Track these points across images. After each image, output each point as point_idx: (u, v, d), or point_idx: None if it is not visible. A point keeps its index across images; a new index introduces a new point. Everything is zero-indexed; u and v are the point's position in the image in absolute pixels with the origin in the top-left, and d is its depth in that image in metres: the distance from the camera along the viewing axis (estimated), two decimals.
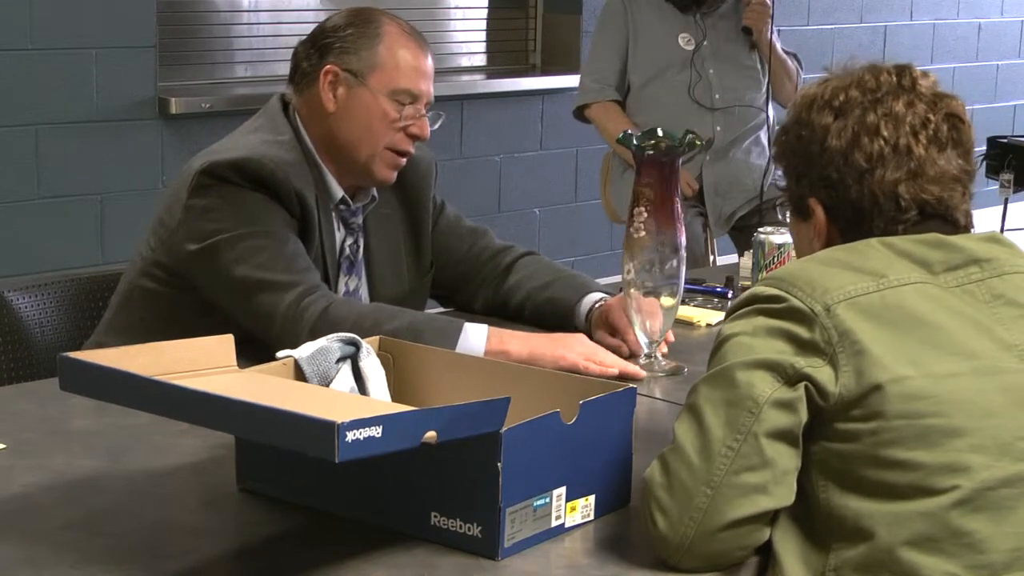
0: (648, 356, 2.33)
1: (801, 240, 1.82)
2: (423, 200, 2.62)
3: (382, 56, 2.42)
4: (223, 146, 2.43)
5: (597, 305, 2.49)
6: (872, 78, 1.74)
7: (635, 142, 2.28)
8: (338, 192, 2.46)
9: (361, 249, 2.53)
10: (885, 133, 1.70)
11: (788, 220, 1.86)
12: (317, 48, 2.46)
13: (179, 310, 2.37)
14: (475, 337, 2.28)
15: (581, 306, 2.51)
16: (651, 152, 2.26)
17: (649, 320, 2.30)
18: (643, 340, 2.32)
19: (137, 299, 2.46)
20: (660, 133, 2.27)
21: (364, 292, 2.54)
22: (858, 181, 1.71)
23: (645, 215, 2.27)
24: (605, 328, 2.44)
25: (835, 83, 1.76)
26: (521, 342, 2.29)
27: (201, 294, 2.37)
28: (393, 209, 2.58)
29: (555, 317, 2.53)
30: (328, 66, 2.42)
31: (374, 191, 2.52)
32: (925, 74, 1.77)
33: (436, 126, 2.49)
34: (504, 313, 2.61)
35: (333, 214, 2.47)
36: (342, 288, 2.49)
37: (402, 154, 2.45)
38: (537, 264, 2.66)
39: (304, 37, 2.52)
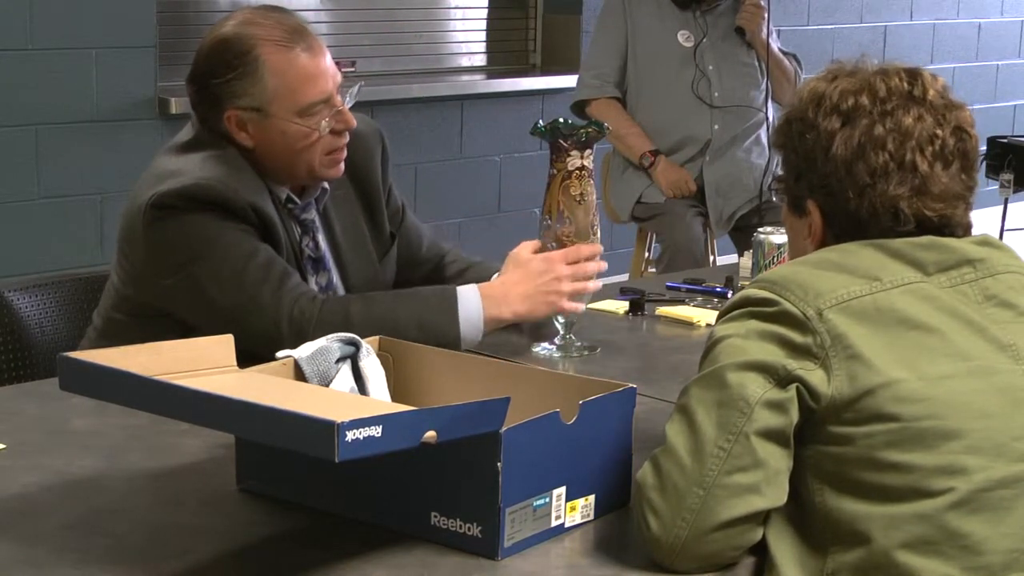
0: (564, 337, 2.41)
1: (795, 234, 1.80)
2: (372, 176, 2.58)
3: (272, 85, 2.33)
4: (167, 168, 2.36)
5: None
6: (883, 84, 1.71)
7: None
8: (283, 192, 2.42)
9: (322, 243, 2.49)
10: (891, 148, 1.68)
11: (782, 210, 1.84)
12: (207, 97, 2.38)
13: (157, 336, 2.33)
14: (472, 299, 2.32)
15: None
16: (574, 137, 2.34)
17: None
18: (559, 320, 2.41)
19: (112, 331, 2.41)
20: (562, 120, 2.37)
21: (337, 283, 2.50)
22: (859, 194, 1.69)
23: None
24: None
25: (844, 85, 1.72)
26: (515, 310, 2.34)
27: (177, 318, 2.33)
28: (346, 189, 2.54)
29: None
30: (227, 113, 2.35)
31: (325, 183, 2.48)
32: (935, 78, 1.74)
33: (354, 101, 2.43)
34: None
35: (287, 216, 2.43)
36: (313, 287, 2.44)
37: (340, 149, 2.41)
38: (453, 257, 2.72)
39: (188, 73, 2.40)
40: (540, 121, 2.38)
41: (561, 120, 2.35)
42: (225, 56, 2.35)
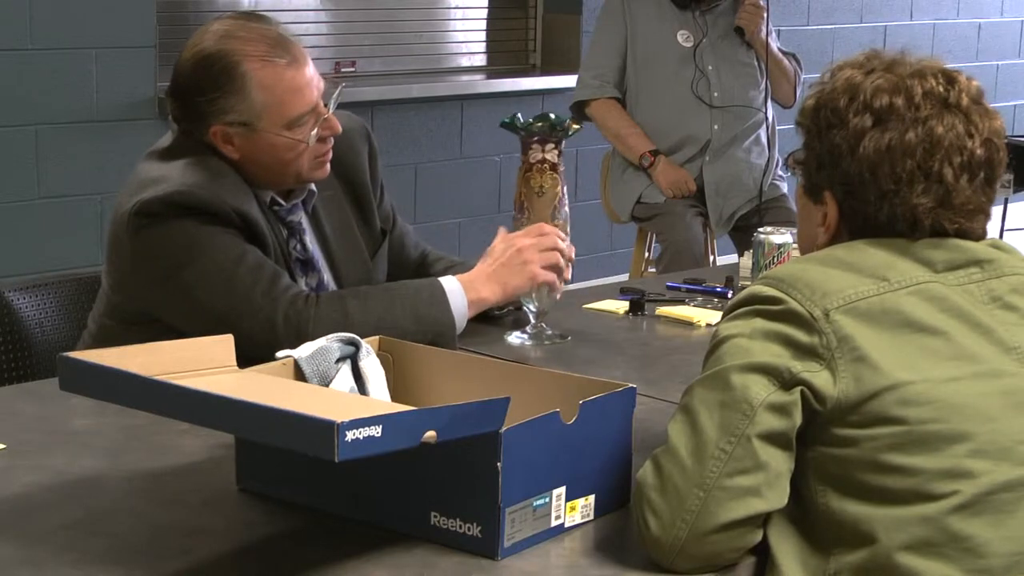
0: (535, 326, 2.45)
1: (806, 217, 1.78)
2: (360, 173, 2.57)
3: (260, 99, 2.31)
4: (149, 176, 2.33)
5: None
6: (919, 87, 1.68)
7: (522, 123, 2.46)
8: (267, 195, 2.41)
9: (310, 245, 2.48)
10: (919, 156, 1.65)
11: (796, 187, 1.81)
12: (192, 112, 2.35)
13: (150, 340, 2.31)
14: (454, 286, 2.36)
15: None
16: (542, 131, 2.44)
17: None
18: (531, 309, 2.45)
19: (105, 337, 2.39)
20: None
21: (328, 283, 2.49)
22: (880, 198, 1.67)
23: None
24: None
25: (880, 81, 1.69)
26: (491, 288, 2.38)
27: (168, 324, 2.30)
28: (334, 188, 2.53)
29: None
30: (213, 129, 2.33)
31: (311, 185, 2.47)
32: (971, 82, 1.72)
33: (337, 104, 2.41)
34: None
35: (273, 218, 2.42)
36: (304, 289, 2.42)
37: (326, 153, 2.41)
38: (436, 256, 2.74)
39: (169, 86, 2.39)
40: (520, 116, 2.47)
41: (558, 116, 2.44)
42: (210, 73, 2.32)
